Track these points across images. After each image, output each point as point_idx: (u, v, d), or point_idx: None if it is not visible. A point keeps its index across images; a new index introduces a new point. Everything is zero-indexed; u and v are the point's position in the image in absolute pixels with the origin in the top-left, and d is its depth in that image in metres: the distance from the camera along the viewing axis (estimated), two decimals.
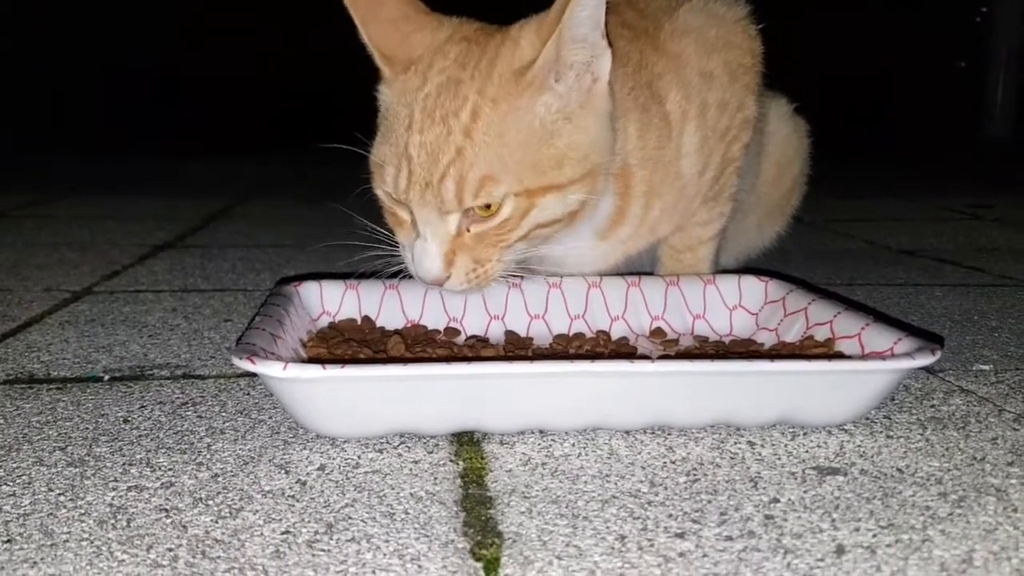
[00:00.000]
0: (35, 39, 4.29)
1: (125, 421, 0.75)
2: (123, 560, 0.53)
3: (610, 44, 0.81)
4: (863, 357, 0.77)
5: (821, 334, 0.84)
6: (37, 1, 4.25)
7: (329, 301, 0.94)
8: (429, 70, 0.81)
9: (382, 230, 0.87)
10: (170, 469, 0.66)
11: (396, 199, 0.82)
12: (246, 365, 0.66)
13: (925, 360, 0.70)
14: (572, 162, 0.81)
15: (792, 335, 0.88)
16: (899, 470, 0.66)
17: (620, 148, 0.87)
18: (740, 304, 0.96)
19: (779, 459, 0.68)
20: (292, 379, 0.65)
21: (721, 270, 1.08)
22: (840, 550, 0.54)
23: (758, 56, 1.00)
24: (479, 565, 0.53)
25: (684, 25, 0.95)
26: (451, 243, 0.80)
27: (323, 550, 0.54)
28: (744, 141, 0.99)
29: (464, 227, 0.80)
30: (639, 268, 1.03)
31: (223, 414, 0.77)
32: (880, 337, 0.78)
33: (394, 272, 0.88)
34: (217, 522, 0.57)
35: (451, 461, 0.67)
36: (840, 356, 0.80)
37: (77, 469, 0.65)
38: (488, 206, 0.79)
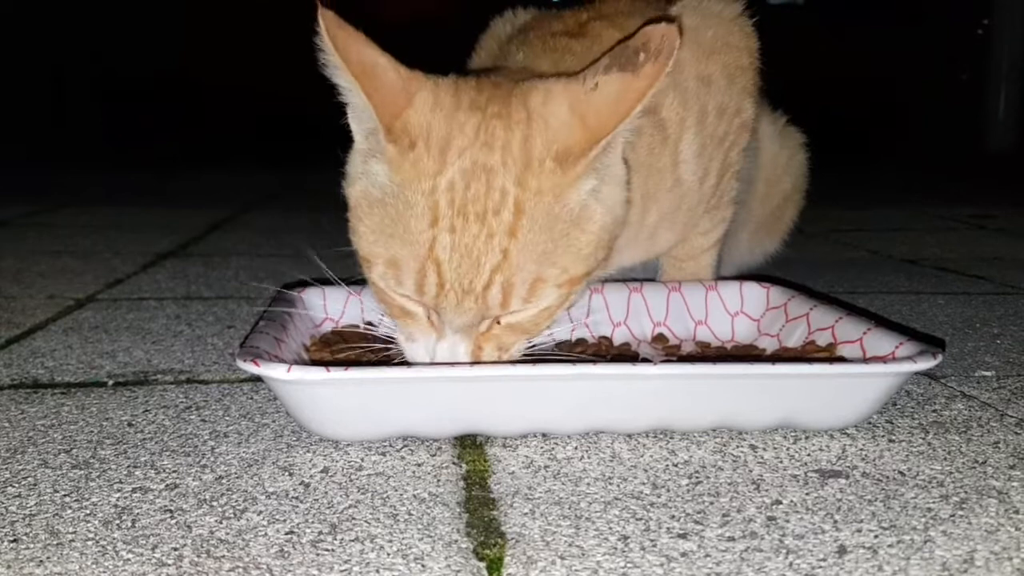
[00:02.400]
0: (34, 50, 4.31)
1: (129, 425, 0.76)
2: (128, 559, 0.53)
3: None
4: (865, 361, 0.77)
5: (823, 339, 0.85)
6: (36, 11, 4.27)
7: (332, 307, 0.94)
8: (446, 150, 0.70)
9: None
10: (174, 471, 0.66)
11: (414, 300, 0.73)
12: (250, 368, 0.66)
13: (927, 363, 0.70)
14: (604, 244, 0.75)
15: (794, 340, 0.88)
16: (901, 473, 0.66)
17: None
18: (742, 310, 0.97)
19: (781, 462, 0.68)
20: (296, 381, 0.66)
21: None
22: (842, 550, 0.55)
23: (755, 54, 0.97)
24: (482, 565, 0.53)
25: (679, 26, 0.92)
26: (478, 339, 0.73)
27: (327, 550, 0.54)
28: (742, 145, 0.98)
29: (495, 320, 0.73)
30: (640, 276, 1.03)
31: (227, 418, 0.77)
32: (882, 341, 0.78)
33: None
34: (221, 523, 0.58)
35: (454, 464, 0.68)
36: (842, 360, 0.80)
37: (82, 471, 0.66)
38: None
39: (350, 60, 0.69)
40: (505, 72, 0.85)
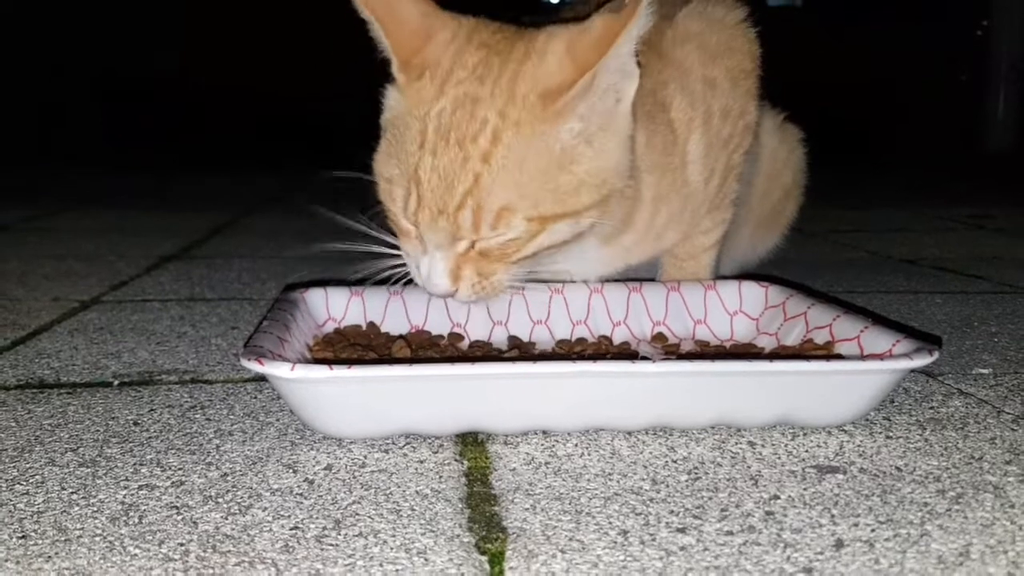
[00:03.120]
0: (34, 51, 4.32)
1: (135, 424, 0.76)
2: (136, 555, 0.54)
3: (639, 64, 0.79)
4: (862, 358, 0.78)
5: (821, 337, 0.85)
6: (37, 12, 4.28)
7: (334, 308, 0.95)
8: (446, 81, 0.77)
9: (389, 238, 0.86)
10: (180, 469, 0.67)
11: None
12: (254, 366, 0.67)
13: (923, 360, 0.71)
14: (590, 188, 0.78)
15: (792, 339, 0.89)
16: (898, 468, 0.67)
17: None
18: (741, 309, 0.97)
19: (779, 458, 0.69)
20: (299, 380, 0.67)
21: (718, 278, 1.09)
22: (839, 544, 0.55)
23: (757, 59, 0.99)
24: (484, 558, 0.54)
25: (685, 31, 0.94)
26: (457, 259, 0.79)
27: (331, 544, 0.55)
28: (746, 147, 0.99)
29: (472, 245, 0.78)
30: (640, 275, 1.03)
31: (231, 417, 0.78)
32: (879, 339, 0.79)
33: (399, 278, 0.88)
34: (227, 518, 0.58)
35: (456, 460, 0.68)
36: (839, 358, 0.81)
37: (89, 469, 0.67)
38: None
39: (374, 7, 0.77)
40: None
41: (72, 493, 0.62)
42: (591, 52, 0.74)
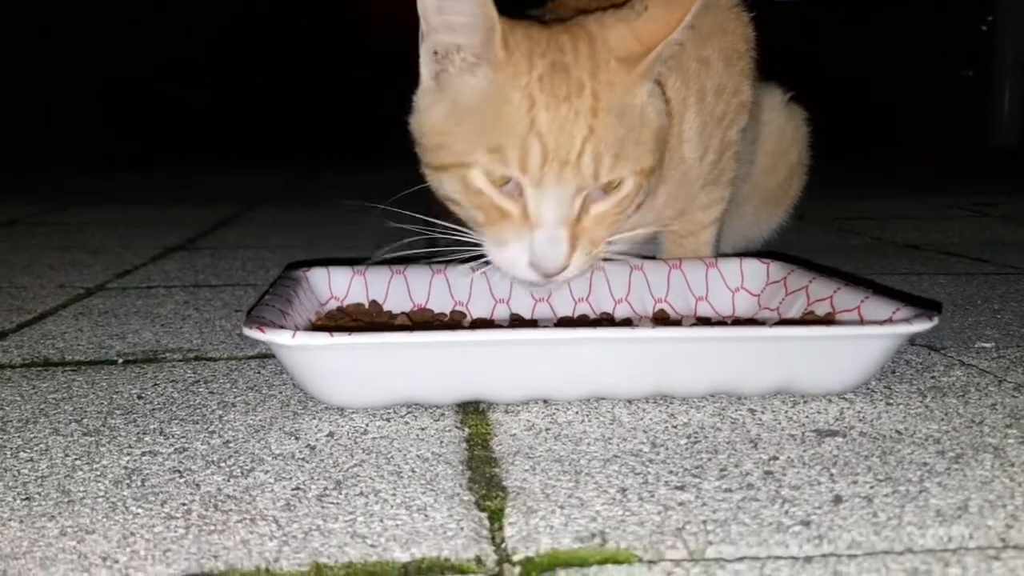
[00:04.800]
0: (37, 52, 4.33)
1: (139, 397, 0.77)
2: (138, 514, 0.54)
3: None
4: (861, 324, 0.78)
5: (822, 309, 0.85)
6: (37, 15, 4.29)
7: (337, 286, 0.95)
8: (532, 55, 0.80)
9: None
10: (183, 437, 0.67)
11: (510, 185, 0.80)
12: (256, 334, 0.68)
13: (923, 325, 0.71)
14: (662, 145, 0.85)
15: (794, 312, 0.89)
16: (898, 432, 0.67)
17: None
18: (742, 286, 0.97)
19: (779, 423, 0.69)
20: (301, 347, 0.67)
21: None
22: (838, 499, 0.56)
23: (751, 41, 1.01)
24: (484, 515, 0.54)
25: None
26: (573, 228, 0.80)
27: (333, 503, 0.55)
28: (740, 125, 1.00)
29: (583, 210, 0.81)
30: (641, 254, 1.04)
31: (234, 390, 0.79)
32: (879, 308, 0.78)
33: (403, 258, 0.88)
34: (229, 481, 0.59)
35: (457, 427, 0.69)
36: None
37: (92, 438, 0.67)
38: (610, 183, 0.81)
39: None
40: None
41: (76, 460, 0.63)
42: (660, 29, 0.81)
